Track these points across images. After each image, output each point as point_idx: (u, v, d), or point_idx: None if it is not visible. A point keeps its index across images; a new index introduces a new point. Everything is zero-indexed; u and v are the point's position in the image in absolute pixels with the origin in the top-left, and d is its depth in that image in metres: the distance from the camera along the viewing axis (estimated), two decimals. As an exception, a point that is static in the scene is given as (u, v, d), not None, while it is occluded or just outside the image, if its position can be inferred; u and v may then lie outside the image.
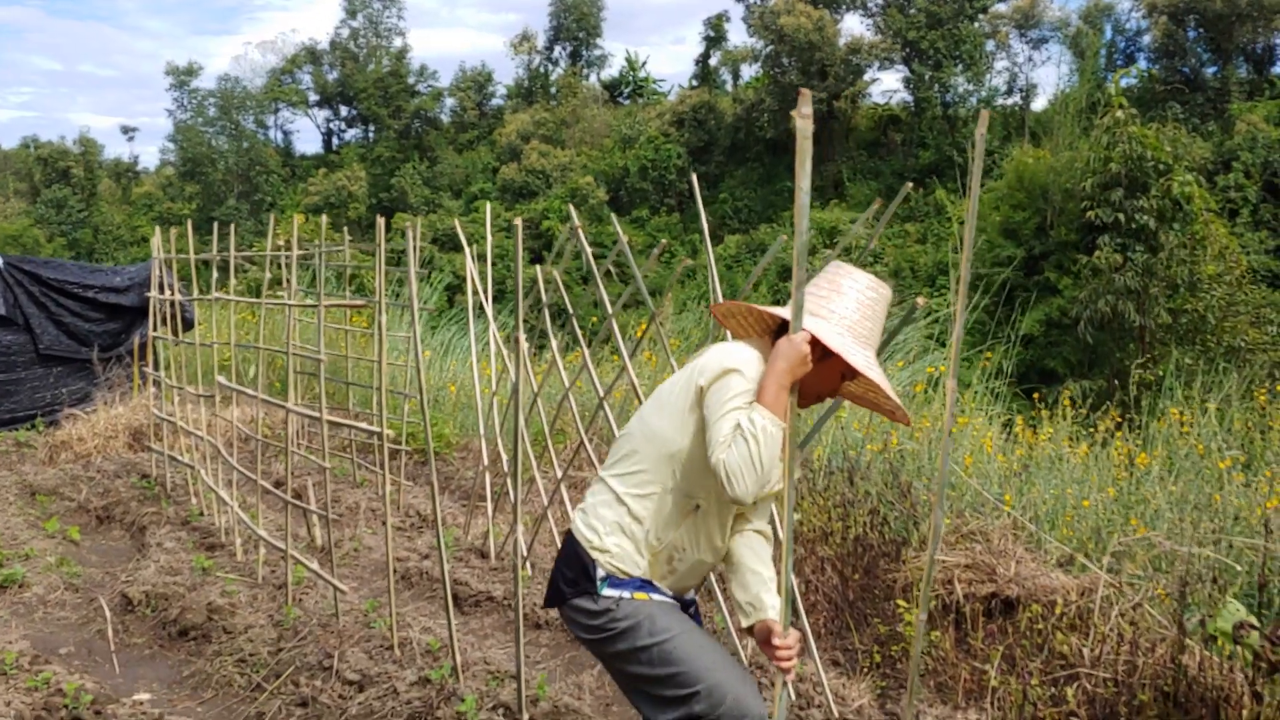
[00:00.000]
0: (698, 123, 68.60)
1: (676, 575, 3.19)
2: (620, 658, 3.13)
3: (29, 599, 6.30)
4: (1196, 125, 55.74)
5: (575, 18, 78.53)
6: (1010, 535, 5.62)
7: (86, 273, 12.40)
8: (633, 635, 3.07)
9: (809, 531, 6.12)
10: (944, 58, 62.71)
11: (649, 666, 3.06)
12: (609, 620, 3.10)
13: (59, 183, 74.22)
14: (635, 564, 3.13)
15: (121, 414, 10.81)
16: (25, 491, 8.80)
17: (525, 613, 5.92)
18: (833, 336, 3.00)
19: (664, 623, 3.08)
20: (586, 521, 3.21)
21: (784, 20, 63.57)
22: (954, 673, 4.91)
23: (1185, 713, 4.10)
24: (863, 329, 3.07)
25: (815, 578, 5.79)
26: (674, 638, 3.06)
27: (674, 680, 3.02)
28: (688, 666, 3.02)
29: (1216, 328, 22.17)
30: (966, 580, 5.27)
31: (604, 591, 3.11)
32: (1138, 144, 22.70)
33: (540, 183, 67.48)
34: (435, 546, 6.89)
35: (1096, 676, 4.41)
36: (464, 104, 79.74)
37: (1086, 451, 8.05)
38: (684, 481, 3.10)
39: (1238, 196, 48.91)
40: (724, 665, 3.06)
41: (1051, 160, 32.57)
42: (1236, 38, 59.08)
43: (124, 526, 7.98)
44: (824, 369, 3.06)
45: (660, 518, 3.11)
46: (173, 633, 5.76)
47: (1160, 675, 4.25)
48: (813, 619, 5.61)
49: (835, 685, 4.84)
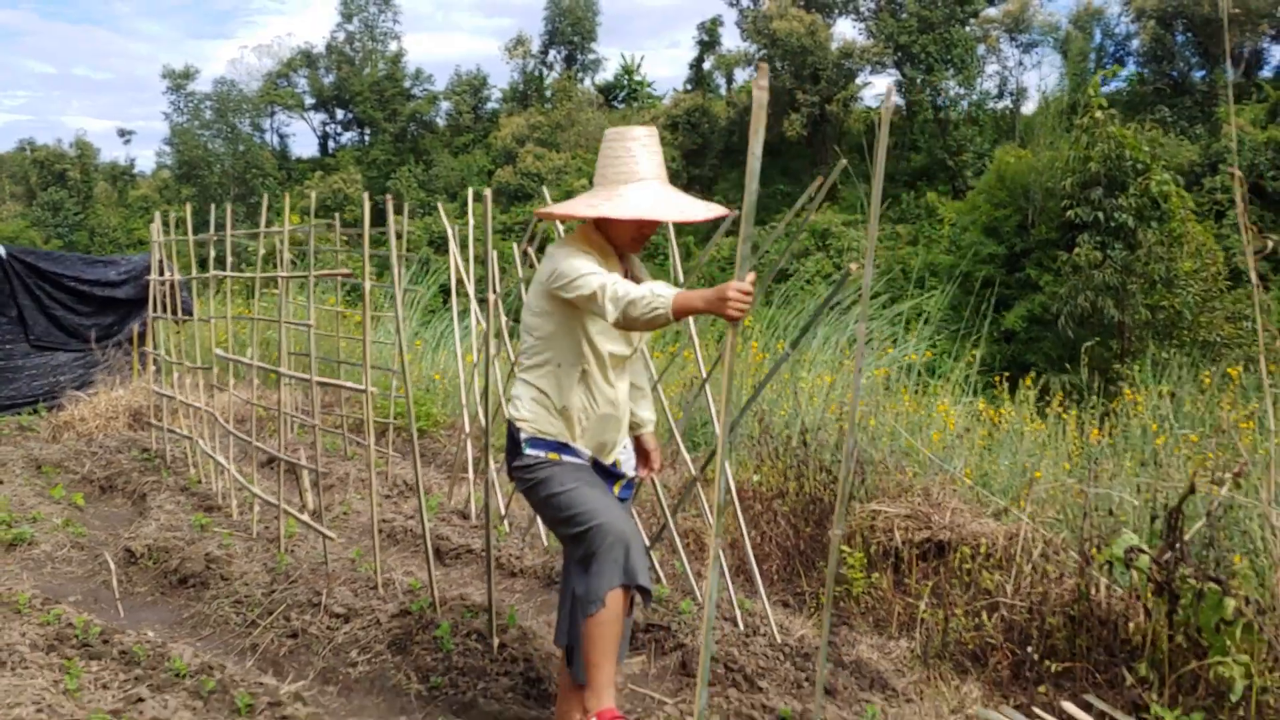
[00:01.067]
0: (691, 126, 68.77)
1: (589, 430, 3.94)
2: (540, 505, 3.96)
3: (38, 555, 6.73)
4: (1185, 128, 56.27)
5: (570, 22, 78.53)
6: (950, 490, 6.08)
7: (84, 265, 12.83)
8: (545, 486, 3.85)
9: (767, 490, 6.60)
10: (935, 62, 62.94)
11: (555, 510, 3.82)
12: (529, 474, 3.89)
13: (55, 185, 74.37)
14: (551, 425, 3.88)
15: (122, 396, 11.26)
16: (31, 465, 9.22)
17: (503, 561, 6.40)
18: (601, 203, 3.77)
19: (569, 478, 3.84)
20: (512, 405, 4.00)
21: (776, 25, 63.61)
22: (889, 608, 5.38)
23: (1088, 633, 4.56)
24: (644, 172, 3.78)
25: (770, 530, 6.27)
26: (574, 489, 3.80)
27: (572, 521, 3.73)
28: (581, 509, 3.73)
29: (1193, 323, 22.66)
30: (905, 528, 5.73)
31: (526, 451, 3.90)
32: (1116, 144, 23.17)
33: (535, 185, 67.71)
34: (420, 510, 7.35)
35: (1014, 606, 4.88)
36: (459, 108, 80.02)
37: (1040, 426, 8.54)
38: (565, 355, 3.88)
39: (1224, 198, 49.49)
40: (611, 512, 3.75)
41: (1033, 160, 33.04)
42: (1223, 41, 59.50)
43: (125, 494, 8.42)
44: (621, 225, 3.86)
45: (559, 387, 3.88)
46: (173, 581, 6.21)
47: (1068, 602, 4.71)
48: (766, 566, 6.07)
49: (781, 619, 5.29)
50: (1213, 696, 4.07)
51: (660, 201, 3.72)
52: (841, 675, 4.75)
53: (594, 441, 3.97)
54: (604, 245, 3.88)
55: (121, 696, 4.42)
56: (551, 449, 3.89)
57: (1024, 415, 9.03)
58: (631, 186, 3.73)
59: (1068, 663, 4.48)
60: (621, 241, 3.90)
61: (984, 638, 4.82)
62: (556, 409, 3.88)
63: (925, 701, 4.56)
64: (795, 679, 4.70)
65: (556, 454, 3.89)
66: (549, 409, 3.89)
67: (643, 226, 3.83)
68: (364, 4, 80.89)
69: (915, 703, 4.57)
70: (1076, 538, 5.04)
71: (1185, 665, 4.13)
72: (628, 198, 3.70)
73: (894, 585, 5.56)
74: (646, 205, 3.68)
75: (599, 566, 3.61)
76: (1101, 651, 4.50)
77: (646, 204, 3.69)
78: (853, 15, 69.73)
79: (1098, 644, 4.51)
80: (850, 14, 69.61)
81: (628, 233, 3.85)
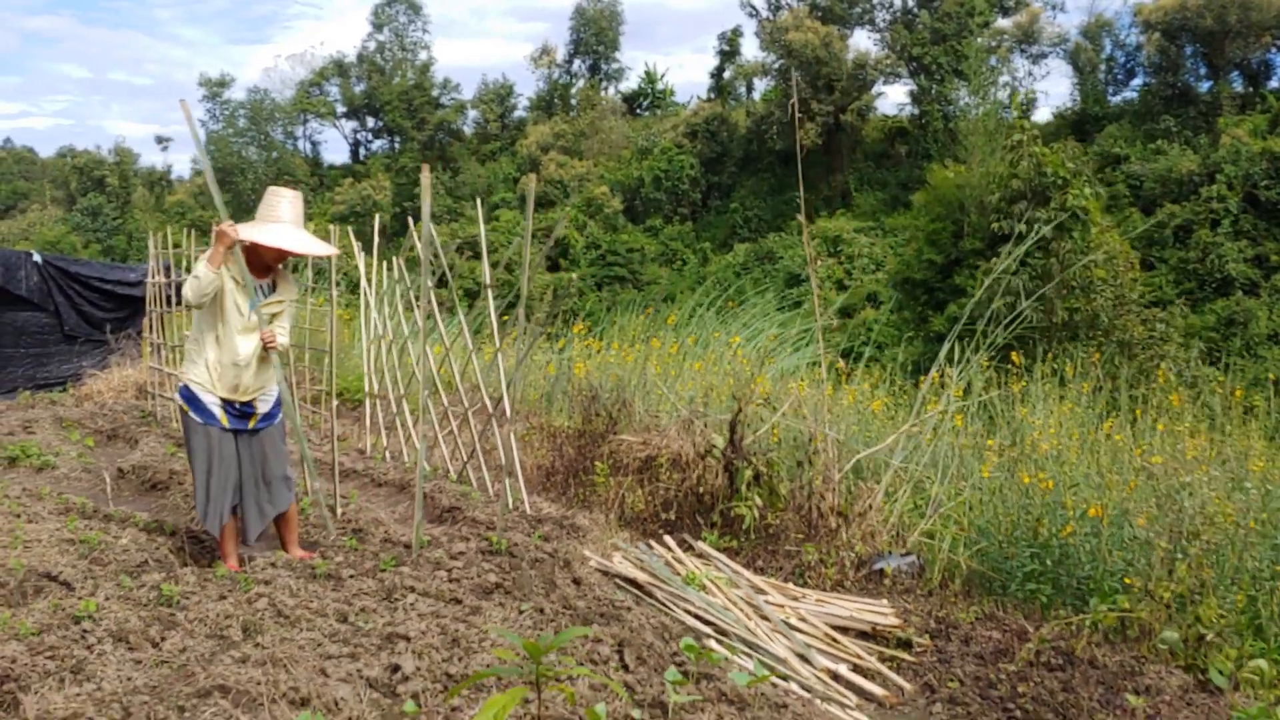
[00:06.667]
0: (710, 134, 70.67)
1: (224, 378, 6.37)
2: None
3: (57, 475, 9.51)
4: (1189, 138, 58.16)
5: (594, 32, 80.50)
6: (681, 425, 8.76)
7: (106, 269, 15.86)
8: (187, 432, 6.52)
9: (567, 429, 9.36)
10: (946, 73, 64.34)
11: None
12: (182, 415, 6.48)
13: (94, 191, 77.39)
14: (197, 372, 6.37)
15: (130, 374, 14.17)
16: (57, 422, 12.06)
17: (374, 476, 9.20)
18: (250, 231, 6.22)
19: (196, 438, 6.40)
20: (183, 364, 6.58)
21: (792, 36, 65.19)
22: (605, 496, 8.11)
23: (699, 500, 7.29)
24: (284, 217, 6.32)
25: (556, 456, 9.02)
26: (194, 450, 6.42)
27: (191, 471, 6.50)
28: (194, 469, 6.46)
29: (1109, 325, 25.01)
30: (635, 450, 8.43)
31: (179, 398, 6.46)
32: (1037, 162, 25.59)
33: (558, 193, 69.79)
34: (342, 454, 10.12)
35: (669, 489, 7.60)
36: (486, 116, 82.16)
37: (878, 405, 11.14)
38: (201, 325, 6.34)
39: (1219, 207, 51.45)
40: (213, 478, 6.38)
41: (966, 175, 35.42)
42: (1228, 53, 60.88)
43: (125, 440, 11.25)
44: (258, 250, 6.30)
45: (203, 347, 6.34)
46: (148, 487, 9.03)
47: (696, 484, 7.44)
48: (554, 478, 8.83)
49: (540, 503, 8.02)
50: (741, 528, 6.83)
51: (290, 237, 6.32)
52: (557, 529, 7.43)
53: (229, 384, 6.35)
54: (255, 258, 6.37)
55: (100, 529, 7.14)
56: (187, 399, 6.47)
57: (851, 392, 11.65)
58: (273, 225, 6.28)
59: (681, 518, 7.23)
60: (269, 258, 6.38)
61: (643, 508, 7.57)
62: (202, 361, 6.37)
63: (596, 541, 7.26)
64: (526, 530, 7.34)
65: (193, 412, 6.45)
66: (195, 363, 6.40)
67: (281, 252, 6.39)
68: (394, 14, 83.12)
69: (593, 543, 7.26)
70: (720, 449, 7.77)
71: (732, 512, 6.88)
72: (272, 231, 6.27)
73: (617, 483, 8.29)
74: (281, 238, 6.29)
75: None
76: (701, 511, 7.24)
77: (281, 237, 6.29)
78: (868, 27, 71.61)
79: (699, 506, 7.25)
80: (866, 25, 71.40)
81: (270, 254, 6.36)
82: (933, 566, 6.93)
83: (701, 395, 10.12)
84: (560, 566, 6.35)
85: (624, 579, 6.41)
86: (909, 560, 6.88)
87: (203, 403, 6.35)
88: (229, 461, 6.41)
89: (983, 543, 7.15)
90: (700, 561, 6.71)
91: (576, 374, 10.35)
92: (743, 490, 6.96)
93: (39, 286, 14.92)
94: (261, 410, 6.55)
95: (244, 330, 6.34)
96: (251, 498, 6.54)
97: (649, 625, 5.47)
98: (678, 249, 67.23)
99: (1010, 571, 6.79)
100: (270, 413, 6.62)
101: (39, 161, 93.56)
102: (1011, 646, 5.78)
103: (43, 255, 15.17)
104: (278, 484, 6.62)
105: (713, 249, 66.77)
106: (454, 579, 5.97)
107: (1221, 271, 48.69)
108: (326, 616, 5.23)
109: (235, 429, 6.45)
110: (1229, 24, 57.99)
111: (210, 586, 5.68)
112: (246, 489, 6.53)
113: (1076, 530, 6.54)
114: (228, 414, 6.40)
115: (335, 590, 5.70)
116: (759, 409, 7.70)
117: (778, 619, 5.83)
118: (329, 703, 4.19)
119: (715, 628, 5.81)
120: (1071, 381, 9.85)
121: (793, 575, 6.91)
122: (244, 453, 6.51)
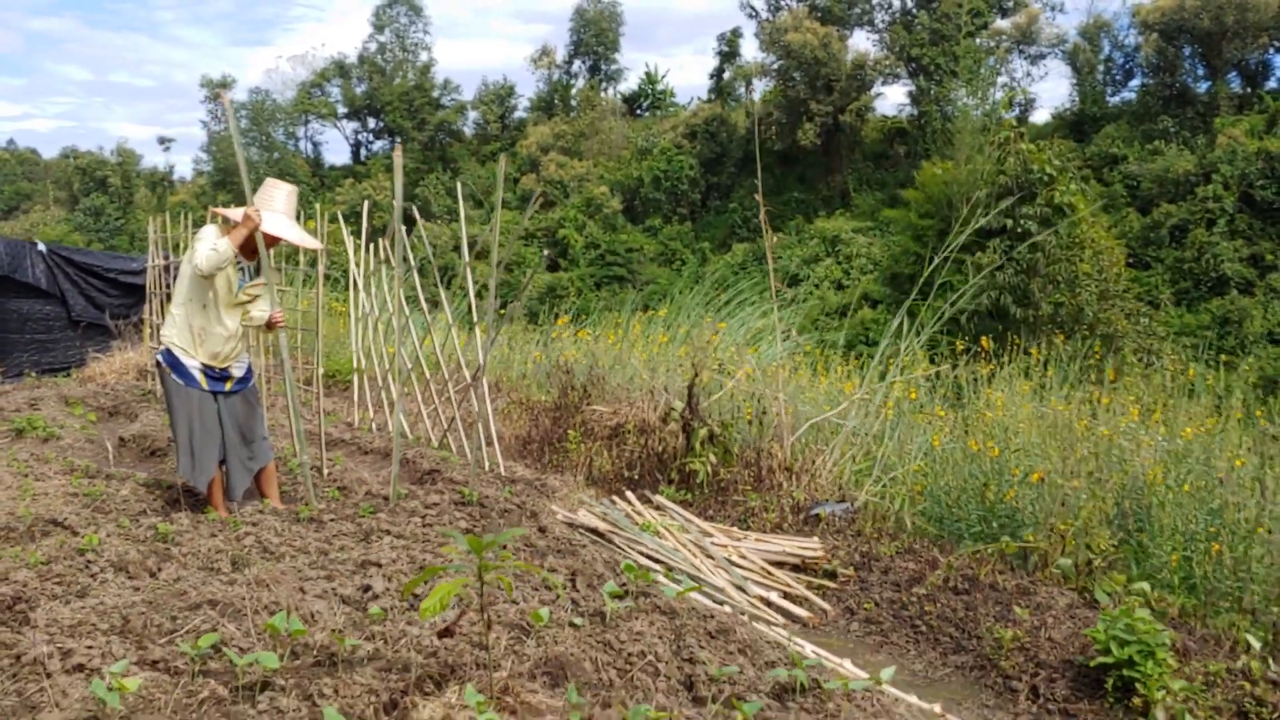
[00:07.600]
0: (710, 135, 70.77)
1: (206, 345, 6.91)
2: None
3: (63, 445, 10.03)
4: (1186, 139, 58.51)
5: (594, 33, 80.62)
6: (648, 395, 9.28)
7: (109, 258, 16.47)
8: (169, 394, 7.03)
9: (546, 403, 9.89)
10: (945, 74, 64.43)
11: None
12: (164, 378, 6.99)
13: (97, 192, 77.70)
14: (181, 338, 6.90)
15: (132, 357, 14.71)
16: (62, 400, 12.59)
17: (361, 444, 9.70)
18: (269, 221, 6.80)
19: (179, 399, 6.93)
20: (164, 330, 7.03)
21: (791, 37, 65.24)
22: (578, 461, 8.63)
23: (659, 459, 7.81)
24: (279, 208, 6.89)
25: (533, 426, 9.55)
26: (176, 410, 6.93)
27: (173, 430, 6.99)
28: (176, 428, 6.95)
29: (1093, 319, 25.47)
30: (605, 419, 8.95)
31: (162, 361, 6.99)
32: (1024, 159, 26.03)
33: (558, 193, 70.05)
34: (331, 426, 10.65)
35: (634, 451, 8.12)
36: (486, 116, 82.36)
37: (849, 386, 11.66)
38: (192, 295, 6.84)
39: (1215, 207, 51.84)
40: (195, 436, 6.91)
41: (954, 172, 35.76)
42: (1226, 54, 61.14)
43: (125, 415, 11.79)
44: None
45: (189, 315, 6.87)
46: (147, 454, 9.56)
47: (657, 445, 7.97)
48: (531, 446, 9.35)
49: (515, 467, 8.54)
50: (696, 482, 7.36)
51: (290, 229, 6.92)
52: (528, 488, 7.94)
53: (210, 351, 6.91)
54: (249, 242, 6.82)
55: (102, 484, 7.67)
56: (170, 363, 7.01)
57: (824, 377, 12.17)
58: (272, 215, 6.82)
59: (644, 475, 7.75)
60: (265, 244, 6.88)
61: (610, 469, 8.10)
62: (187, 328, 6.86)
63: (564, 499, 7.78)
64: (500, 489, 7.86)
65: (175, 375, 7.00)
66: (180, 328, 6.93)
67: (275, 240, 6.97)
68: (395, 15, 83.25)
69: (561, 500, 7.78)
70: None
71: (688, 468, 7.40)
72: (272, 221, 6.81)
73: (587, 449, 8.81)
74: (284, 229, 6.88)
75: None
76: (660, 469, 7.77)
77: (284, 229, 6.88)
78: (868, 27, 71.75)
79: (659, 465, 7.78)
80: (865, 26, 71.55)
81: (266, 241, 6.86)
82: (866, 513, 7.47)
83: (676, 371, 10.67)
84: (528, 517, 6.88)
85: (586, 529, 6.94)
86: (843, 507, 7.42)
87: (185, 366, 6.90)
88: (210, 420, 6.95)
89: (928, 504, 7.66)
90: (657, 513, 7.25)
91: (564, 358, 10.90)
92: (698, 448, 7.51)
93: (45, 274, 15.48)
94: (236, 375, 7.13)
95: (230, 305, 6.95)
96: (236, 456, 7.09)
97: (600, 559, 6.01)
98: (677, 249, 67.55)
99: (959, 533, 7.28)
100: (244, 377, 7.20)
101: (42, 163, 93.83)
102: (925, 574, 6.36)
103: (47, 245, 15.73)
104: (259, 443, 7.19)
105: (712, 249, 67.07)
106: (427, 524, 6.50)
107: (1217, 271, 49.03)
108: (308, 552, 5.76)
109: (213, 390, 7.01)
110: (1226, 25, 58.16)
111: (202, 527, 6.23)
112: (230, 448, 7.07)
113: (1019, 495, 7.03)
114: (207, 377, 6.97)
115: (317, 531, 6.24)
116: (714, 375, 8.26)
117: (720, 556, 6.38)
118: (306, 615, 4.70)
119: (665, 565, 6.35)
120: (1035, 367, 10.32)
121: (739, 521, 7.49)
122: (225, 414, 7.07)
